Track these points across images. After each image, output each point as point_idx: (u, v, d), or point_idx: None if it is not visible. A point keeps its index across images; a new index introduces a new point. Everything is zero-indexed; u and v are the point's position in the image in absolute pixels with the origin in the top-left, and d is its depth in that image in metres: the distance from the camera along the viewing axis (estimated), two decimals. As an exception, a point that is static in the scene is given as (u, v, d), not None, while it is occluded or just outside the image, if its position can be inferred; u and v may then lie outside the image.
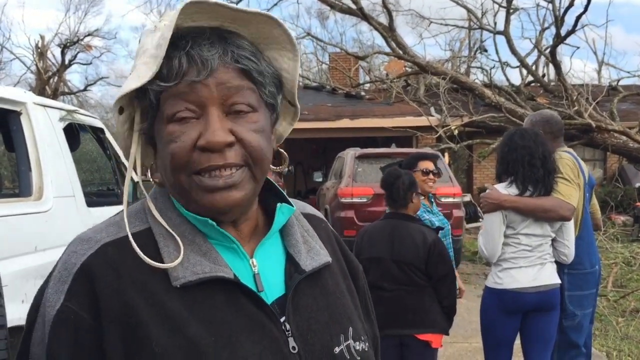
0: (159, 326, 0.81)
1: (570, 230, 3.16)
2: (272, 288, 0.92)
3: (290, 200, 1.00)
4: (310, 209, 1.09)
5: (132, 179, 0.94)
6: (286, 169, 0.99)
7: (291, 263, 0.95)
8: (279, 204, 0.96)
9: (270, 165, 0.94)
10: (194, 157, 0.84)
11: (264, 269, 0.93)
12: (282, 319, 0.89)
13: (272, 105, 0.92)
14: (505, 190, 3.12)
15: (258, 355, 0.83)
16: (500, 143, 3.27)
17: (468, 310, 6.26)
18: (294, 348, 0.87)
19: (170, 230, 0.87)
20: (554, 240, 3.17)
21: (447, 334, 3.27)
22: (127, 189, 0.90)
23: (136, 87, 0.83)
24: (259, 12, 0.87)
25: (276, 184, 1.00)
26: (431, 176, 3.77)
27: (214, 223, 0.88)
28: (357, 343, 0.94)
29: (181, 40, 0.84)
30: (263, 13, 0.87)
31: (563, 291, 3.24)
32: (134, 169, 0.90)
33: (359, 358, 0.93)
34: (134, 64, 0.88)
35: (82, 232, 0.90)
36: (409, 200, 3.28)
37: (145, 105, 0.87)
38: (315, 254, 0.96)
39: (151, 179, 0.95)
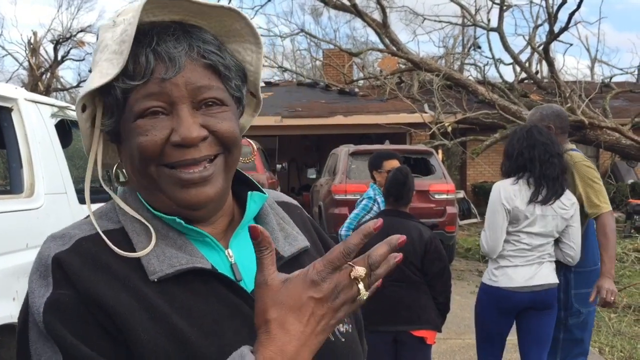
0: (142, 314, 0.80)
1: (577, 232, 3.12)
2: (251, 277, 0.91)
3: (263, 189, 1.01)
4: (284, 197, 1.11)
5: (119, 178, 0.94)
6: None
7: None
8: (249, 193, 0.96)
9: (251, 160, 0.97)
10: (166, 151, 0.84)
11: (241, 259, 0.93)
12: None
13: (238, 98, 0.92)
14: (511, 186, 3.07)
15: (241, 342, 0.83)
16: (513, 138, 3.18)
17: (461, 306, 6.28)
18: None
19: (144, 221, 0.87)
20: (559, 241, 3.13)
21: (440, 330, 3.28)
22: (87, 186, 0.90)
23: (100, 85, 0.82)
24: (222, 5, 0.87)
25: (244, 174, 1.01)
26: None
27: (182, 221, 0.88)
28: (341, 325, 0.95)
29: (145, 36, 0.83)
30: (226, 7, 0.87)
31: (569, 289, 3.22)
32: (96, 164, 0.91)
33: (343, 340, 0.94)
34: (94, 61, 0.87)
35: (54, 232, 0.89)
36: (412, 198, 3.33)
37: (110, 102, 0.86)
38: (292, 240, 0.97)
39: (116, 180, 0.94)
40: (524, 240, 3.06)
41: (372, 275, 0.72)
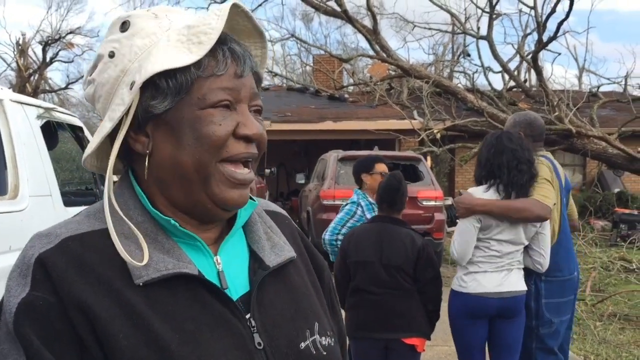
0: (123, 321, 0.79)
1: (546, 239, 3.10)
2: (237, 285, 0.92)
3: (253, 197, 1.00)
4: (273, 207, 1.10)
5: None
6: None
7: (255, 259, 0.95)
8: None
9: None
10: (229, 143, 0.86)
11: (228, 267, 0.92)
12: (247, 316, 0.88)
13: None
14: (483, 194, 3.05)
15: (223, 351, 0.83)
16: (484, 145, 3.15)
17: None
18: (259, 344, 0.87)
19: (135, 230, 0.85)
20: (529, 248, 3.10)
21: (430, 338, 3.27)
22: (110, 173, 0.86)
23: (190, 63, 0.83)
24: (243, 7, 0.90)
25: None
26: None
27: (177, 223, 0.87)
28: (324, 338, 0.95)
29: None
30: (245, 9, 0.90)
31: (540, 298, 3.18)
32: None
33: (325, 353, 0.93)
34: (124, 44, 0.88)
35: (40, 230, 0.88)
36: (405, 204, 3.31)
37: (167, 86, 0.84)
38: (279, 250, 0.97)
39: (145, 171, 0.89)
40: (494, 247, 3.03)
41: None
